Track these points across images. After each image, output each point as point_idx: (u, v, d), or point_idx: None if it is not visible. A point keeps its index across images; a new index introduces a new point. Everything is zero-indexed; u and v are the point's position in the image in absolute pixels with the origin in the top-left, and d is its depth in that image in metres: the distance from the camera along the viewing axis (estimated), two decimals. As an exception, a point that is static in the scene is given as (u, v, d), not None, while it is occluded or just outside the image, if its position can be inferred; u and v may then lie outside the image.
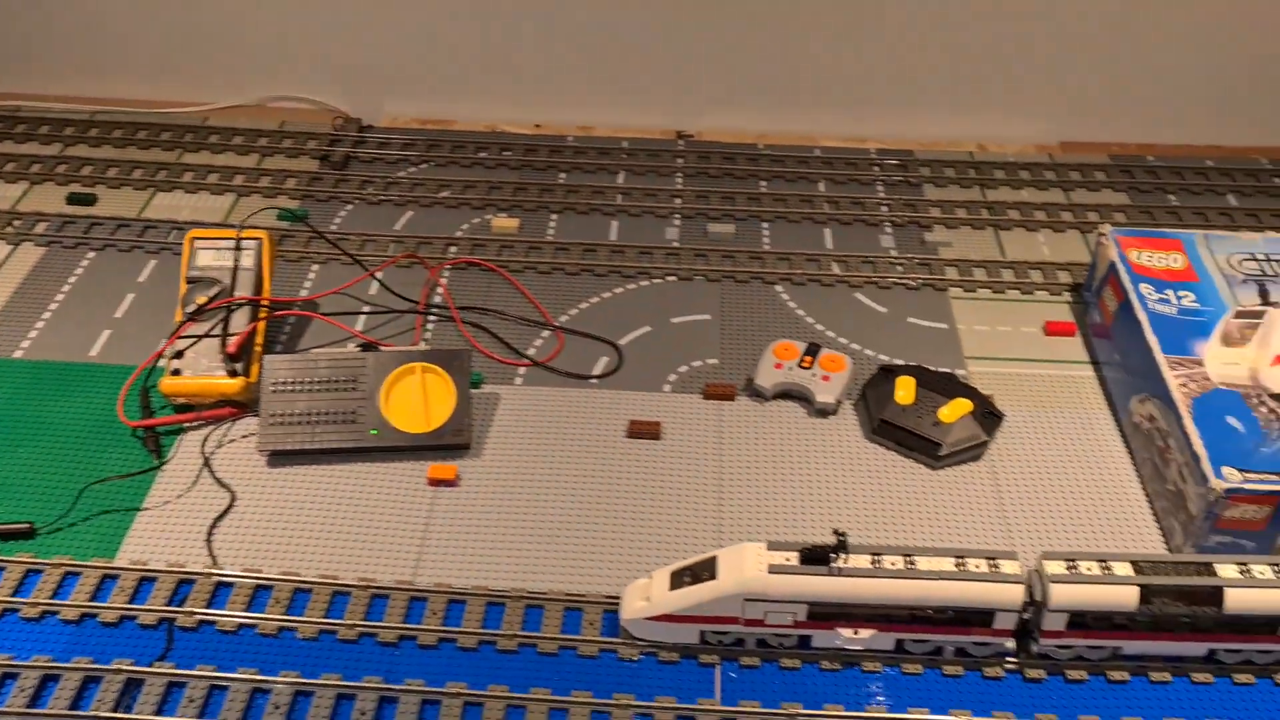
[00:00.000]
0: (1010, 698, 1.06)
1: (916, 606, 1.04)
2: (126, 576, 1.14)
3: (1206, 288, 1.37)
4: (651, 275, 1.56)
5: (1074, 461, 1.30)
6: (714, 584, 1.04)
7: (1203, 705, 1.06)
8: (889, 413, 1.30)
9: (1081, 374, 1.42)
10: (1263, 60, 1.77)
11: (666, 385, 1.39)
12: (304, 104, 1.89)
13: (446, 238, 1.60)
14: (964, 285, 1.55)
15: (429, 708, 1.03)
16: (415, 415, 1.27)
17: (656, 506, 1.23)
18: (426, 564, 1.17)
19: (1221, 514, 1.13)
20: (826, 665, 1.08)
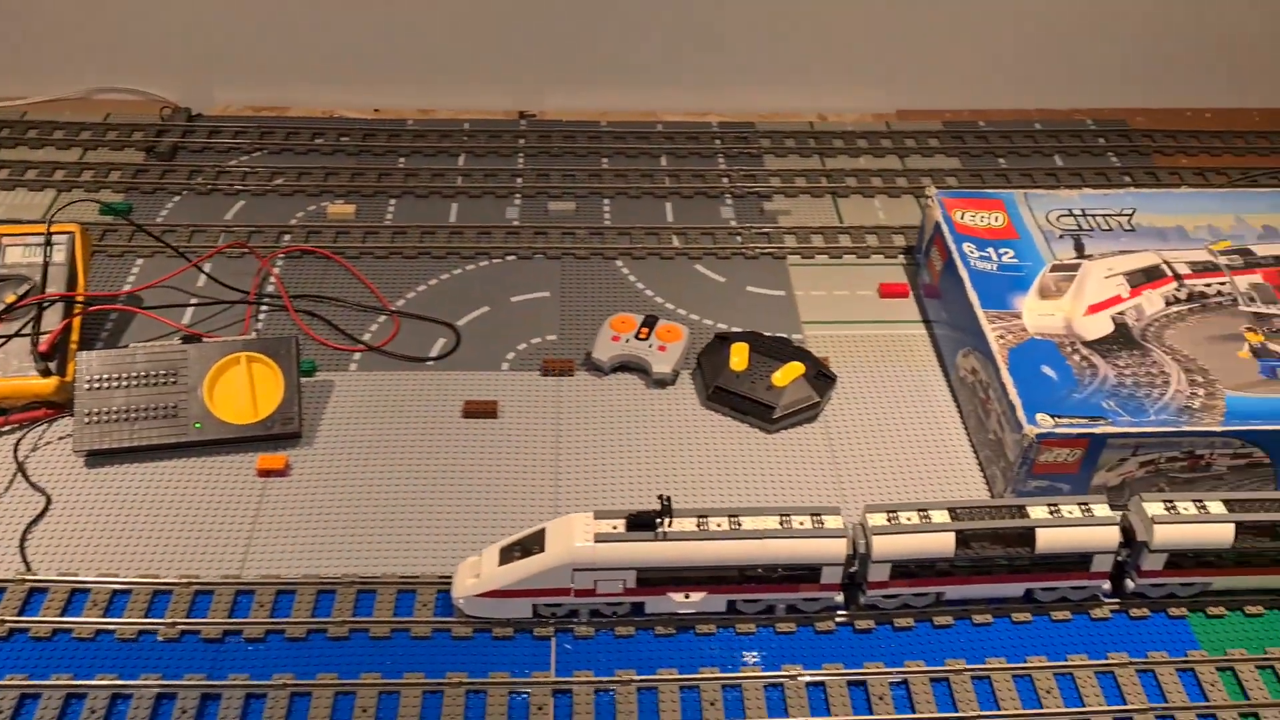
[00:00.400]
0: (841, 650, 1.08)
1: (744, 566, 1.05)
2: (-69, 589, 1.09)
3: (1026, 244, 1.41)
4: (491, 255, 1.54)
5: (905, 418, 1.33)
6: (542, 556, 1.04)
7: (1024, 644, 1.09)
8: (723, 379, 1.31)
9: (914, 333, 1.45)
10: (1085, 25, 1.84)
11: (505, 364, 1.38)
12: (130, 95, 1.82)
13: (280, 226, 1.56)
14: (802, 252, 1.57)
15: (254, 702, 1.01)
16: (242, 406, 1.24)
17: (493, 485, 1.22)
18: (255, 557, 1.14)
19: (1036, 459, 1.17)
20: (661, 631, 1.09)
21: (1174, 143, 1.83)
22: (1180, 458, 1.19)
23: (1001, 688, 1.04)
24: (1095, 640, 1.09)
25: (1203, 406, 1.19)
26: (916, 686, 1.04)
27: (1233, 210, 1.49)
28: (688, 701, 1.03)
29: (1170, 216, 1.47)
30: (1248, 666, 1.06)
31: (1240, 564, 1.10)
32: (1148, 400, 1.20)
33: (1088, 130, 1.85)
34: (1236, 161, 1.80)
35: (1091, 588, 1.11)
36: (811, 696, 1.04)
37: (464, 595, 1.07)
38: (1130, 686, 1.05)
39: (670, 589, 1.07)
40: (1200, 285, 1.36)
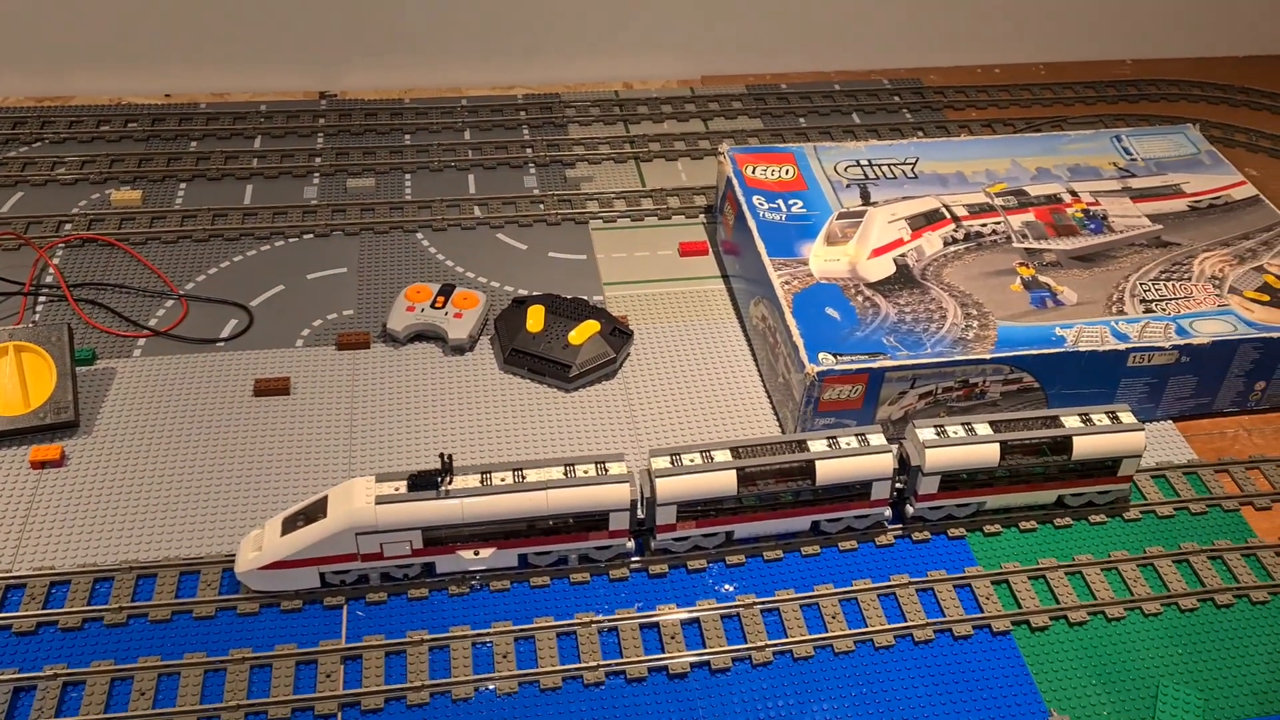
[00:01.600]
0: (636, 595, 1.09)
1: (530, 518, 1.06)
2: None
3: (814, 195, 1.45)
4: (286, 235, 1.51)
5: (703, 369, 1.35)
6: (323, 523, 1.02)
7: (813, 575, 1.12)
8: (520, 341, 1.31)
9: (712, 288, 1.47)
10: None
11: (299, 341, 1.35)
12: (-103, 89, 1.72)
13: (60, 215, 1.50)
14: (604, 217, 1.58)
15: (23, 695, 0.97)
16: (11, 398, 1.19)
17: (285, 461, 1.20)
18: (28, 550, 1.09)
19: (820, 397, 1.20)
20: (454, 590, 1.08)
21: (964, 98, 1.90)
22: (955, 387, 1.23)
23: (790, 618, 1.07)
24: (880, 566, 1.13)
25: (976, 337, 1.24)
26: (708, 625, 1.06)
27: (1008, 155, 1.55)
28: (480, 656, 1.02)
29: (951, 163, 1.53)
30: (1020, 578, 1.11)
31: (1011, 482, 1.15)
32: (925, 335, 1.24)
33: (884, 89, 1.91)
34: (1022, 113, 1.88)
35: (874, 515, 1.14)
36: (604, 641, 1.04)
37: (247, 569, 1.04)
38: (910, 605, 1.08)
39: (459, 547, 1.06)
40: (977, 226, 1.42)
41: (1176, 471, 1.25)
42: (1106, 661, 1.05)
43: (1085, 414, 1.16)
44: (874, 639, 1.06)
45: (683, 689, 1.01)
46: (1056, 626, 1.08)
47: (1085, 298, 1.31)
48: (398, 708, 0.98)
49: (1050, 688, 1.03)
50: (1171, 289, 1.33)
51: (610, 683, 1.01)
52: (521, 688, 1.00)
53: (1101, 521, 1.19)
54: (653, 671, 1.02)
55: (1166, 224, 1.44)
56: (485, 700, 0.99)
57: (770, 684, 1.02)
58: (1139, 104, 1.91)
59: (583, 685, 1.01)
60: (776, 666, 1.04)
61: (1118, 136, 1.60)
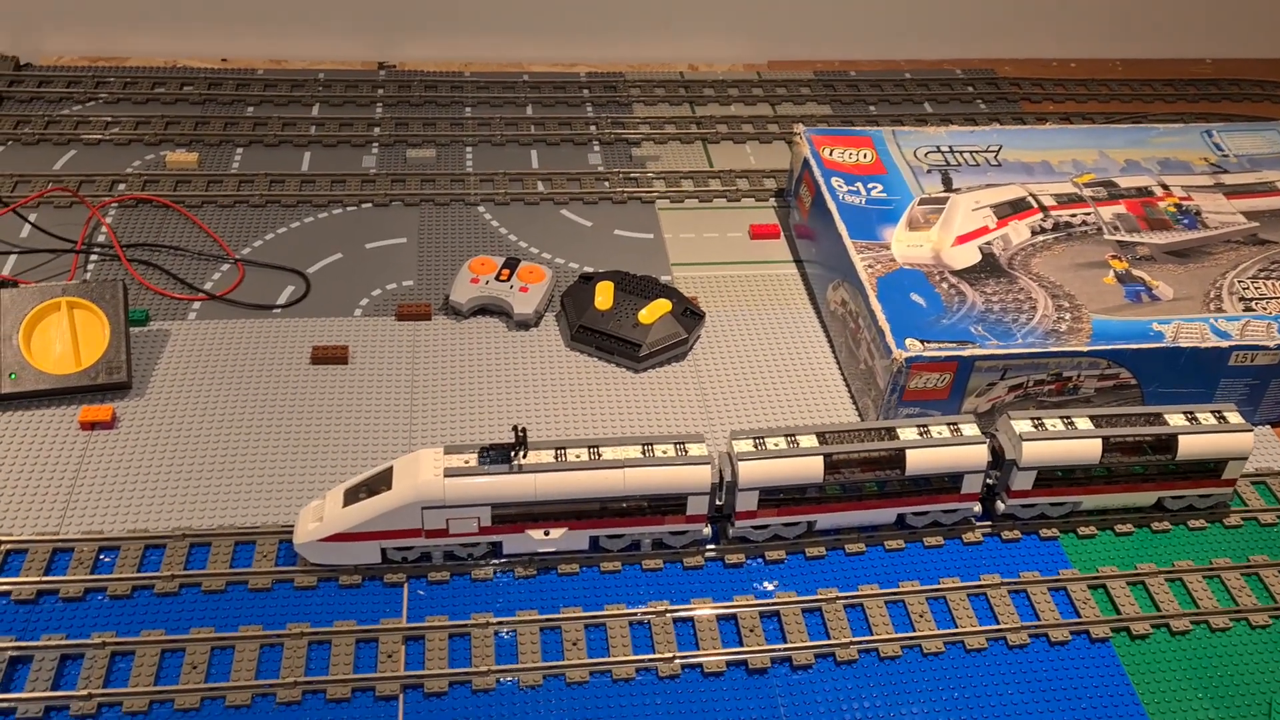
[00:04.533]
0: (711, 585, 1.03)
1: (605, 499, 1.00)
2: None
3: (894, 179, 1.39)
4: (345, 203, 1.46)
5: (777, 354, 1.29)
6: (388, 495, 0.97)
7: (897, 570, 1.06)
8: (588, 318, 1.26)
9: (785, 272, 1.42)
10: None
11: (358, 310, 1.30)
12: (-50, 45, 1.69)
13: (114, 175, 1.45)
14: (671, 196, 1.53)
15: (70, 662, 0.92)
16: (63, 356, 1.14)
17: (342, 431, 1.15)
18: (75, 514, 1.04)
19: (906, 385, 1.14)
20: (521, 573, 1.03)
21: (1040, 90, 1.84)
22: (1048, 380, 1.17)
23: (874, 614, 1.01)
24: (968, 564, 1.07)
25: (1069, 329, 1.18)
26: (788, 617, 1.00)
27: (1096, 145, 1.49)
28: (549, 643, 0.97)
29: (1036, 152, 1.46)
30: (1119, 583, 1.05)
31: (1109, 482, 1.09)
32: (1015, 325, 1.18)
33: (956, 79, 1.85)
34: (1101, 108, 1.81)
35: (963, 510, 1.08)
36: (680, 632, 0.99)
37: (306, 541, 0.99)
38: (1003, 607, 1.02)
39: (529, 526, 1.01)
40: (1065, 216, 1.35)
41: (1278, 479, 1.18)
42: (1212, 673, 0.99)
43: (1190, 412, 1.09)
44: (965, 640, 0.99)
45: (762, 685, 0.96)
46: (1158, 635, 1.02)
47: (1181, 293, 1.25)
48: (462, 692, 0.93)
49: (1152, 699, 0.96)
50: (1272, 288, 1.26)
51: (686, 676, 0.96)
52: (592, 677, 0.95)
53: (1201, 527, 1.12)
54: (731, 666, 0.96)
55: (1262, 221, 1.37)
56: (554, 689, 0.94)
57: (856, 683, 0.96)
58: (1220, 103, 1.84)
59: (657, 677, 0.95)
60: (862, 665, 0.98)
61: (1208, 131, 1.54)
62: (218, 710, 0.90)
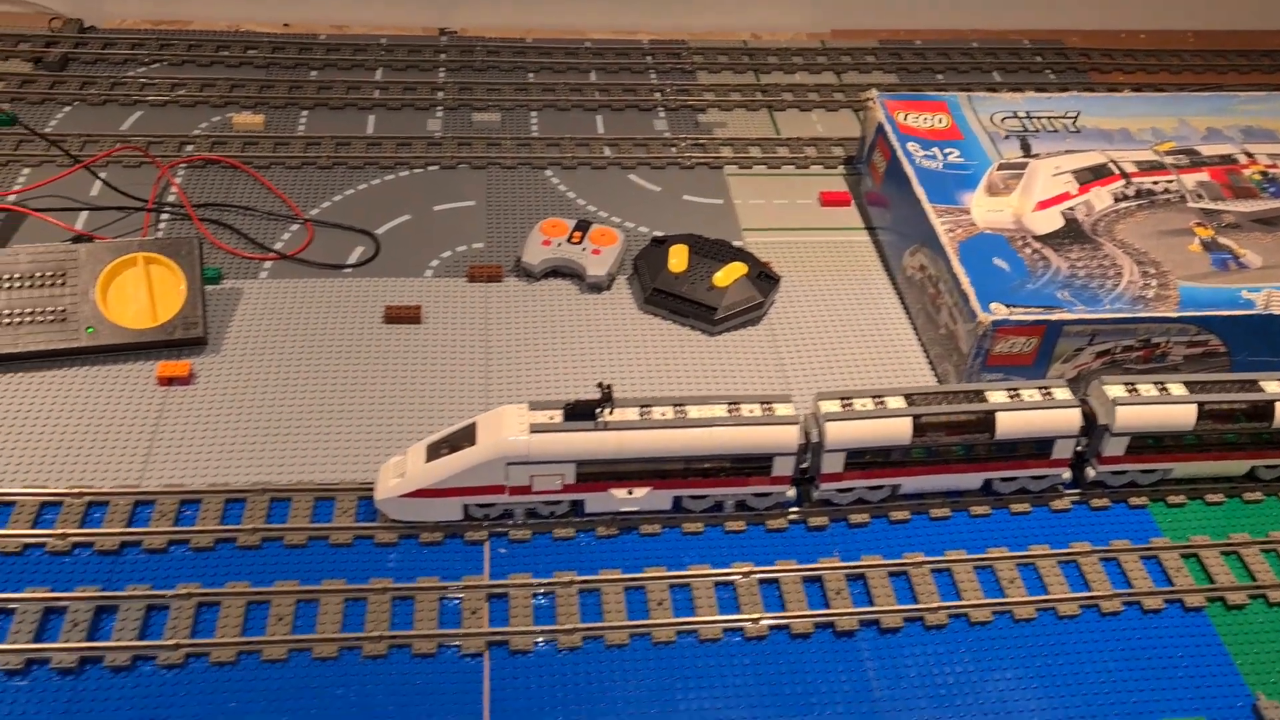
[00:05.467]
0: (794, 548, 1.02)
1: (690, 458, 0.98)
2: None
3: (971, 144, 1.37)
4: (412, 166, 1.45)
5: (852, 319, 1.27)
6: (473, 450, 0.96)
7: (984, 536, 1.04)
8: (662, 281, 1.24)
9: (857, 239, 1.39)
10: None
11: (429, 271, 1.29)
12: (14, 6, 1.68)
13: (182, 135, 1.45)
14: (739, 163, 1.51)
15: (156, 614, 0.91)
16: (140, 311, 1.14)
17: (418, 390, 1.14)
18: (155, 467, 1.04)
19: (991, 349, 1.12)
20: (602, 532, 1.01)
21: (1110, 60, 1.80)
22: (1136, 347, 1.14)
23: (963, 579, 0.99)
24: (1056, 531, 1.05)
25: (1156, 296, 1.15)
26: (875, 581, 0.98)
27: (1175, 114, 1.45)
28: (633, 603, 0.96)
29: (1115, 119, 1.43)
30: (1212, 553, 1.03)
31: (1201, 449, 1.06)
32: (1101, 291, 1.16)
33: (1024, 49, 1.82)
34: (1173, 79, 1.78)
35: (1051, 477, 1.06)
36: (765, 594, 0.97)
37: (388, 496, 0.98)
38: (1094, 574, 1.00)
39: (612, 485, 0.99)
40: (1148, 183, 1.32)
41: (1372, 450, 1.15)
42: (1313, 645, 0.96)
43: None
44: (1057, 607, 0.97)
45: (850, 648, 0.94)
46: (1255, 605, 0.99)
47: (1270, 261, 1.22)
48: (548, 650, 0.92)
49: (1251, 669, 0.94)
50: (1363, 257, 1.23)
51: (773, 637, 0.94)
52: (679, 637, 0.93)
53: (1295, 498, 1.10)
54: (818, 628, 0.95)
55: (1351, 191, 1.34)
56: (641, 648, 0.92)
57: (946, 647, 0.94)
58: (1298, 74, 1.80)
59: (743, 638, 0.94)
60: (952, 630, 0.96)
61: (1292, 100, 1.50)
62: (304, 662, 0.89)
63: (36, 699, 0.85)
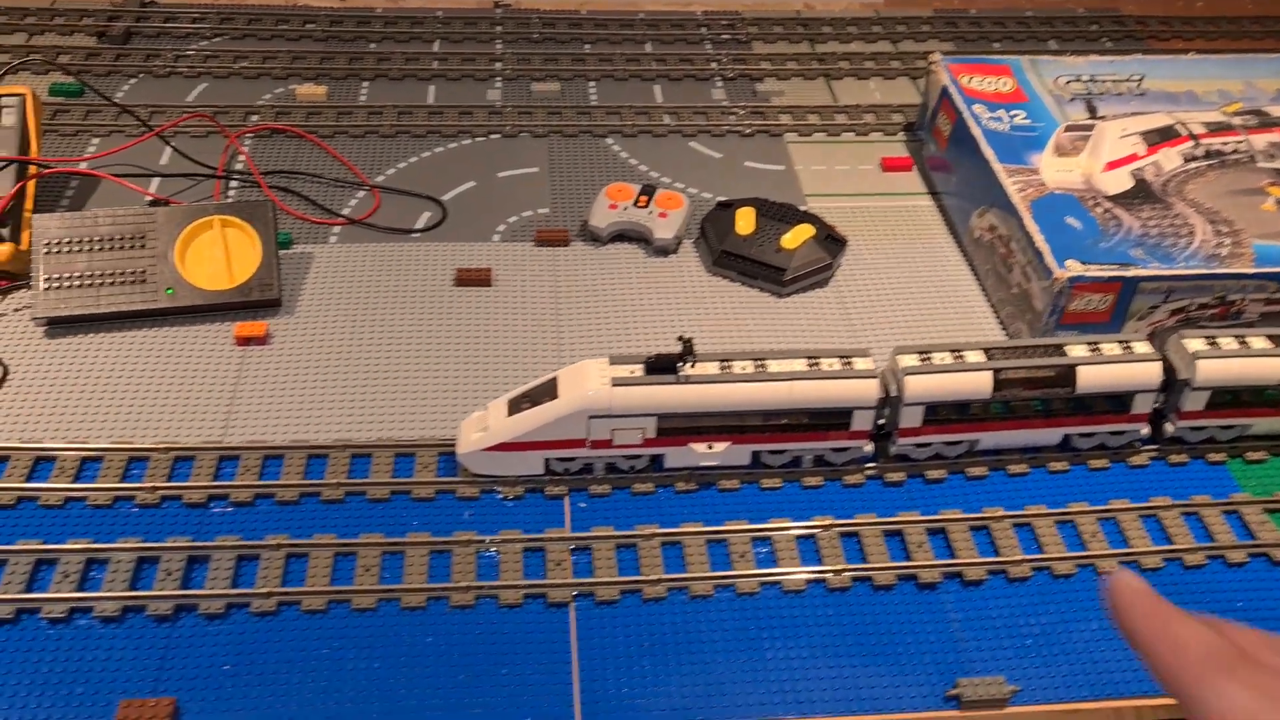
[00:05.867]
0: (872, 503, 1.02)
1: (771, 411, 0.99)
2: (-122, 460, 0.98)
3: (1036, 107, 1.36)
4: (474, 134, 1.46)
5: (919, 281, 1.27)
6: (555, 404, 0.96)
7: (1063, 492, 1.03)
8: (730, 243, 1.24)
9: (920, 204, 1.39)
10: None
11: (495, 235, 1.29)
12: (77, -17, 1.70)
13: (246, 106, 1.46)
14: (799, 130, 1.50)
15: (246, 564, 0.93)
16: (216, 272, 1.15)
17: (491, 350, 1.14)
18: (237, 424, 1.05)
19: (1067, 306, 1.11)
20: (681, 487, 1.02)
21: (1168, 28, 1.79)
22: (1212, 304, 1.14)
23: (1044, 533, 0.99)
24: (1135, 487, 1.04)
25: (1230, 254, 1.15)
26: (956, 534, 0.98)
27: (1242, 76, 1.44)
28: (715, 555, 0.96)
29: (1179, 82, 1.42)
30: (1295, 507, 1.02)
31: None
32: (1174, 249, 1.15)
33: (1080, 17, 1.80)
34: (1232, 45, 1.76)
35: (1130, 433, 1.06)
36: (846, 546, 0.97)
37: (470, 451, 0.99)
38: (1176, 528, 1.00)
39: (692, 439, 1.00)
40: (1217, 144, 1.31)
41: None
42: (1401, 598, 0.95)
43: (1369, 334, 1.06)
44: (1140, 560, 0.97)
45: (933, 599, 0.94)
46: (1340, 559, 0.98)
47: (1345, 221, 1.21)
48: (633, 601, 0.92)
49: (1340, 622, 0.93)
50: None
51: (856, 589, 0.94)
52: (763, 588, 0.94)
53: (1376, 454, 1.09)
54: (901, 579, 0.95)
55: None
56: (725, 599, 0.93)
57: (1030, 600, 0.94)
58: (1360, 41, 1.78)
59: (826, 589, 0.94)
60: (1035, 583, 0.96)
61: (1360, 62, 1.48)
62: (393, 611, 0.90)
63: (134, 645, 0.86)
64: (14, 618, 0.87)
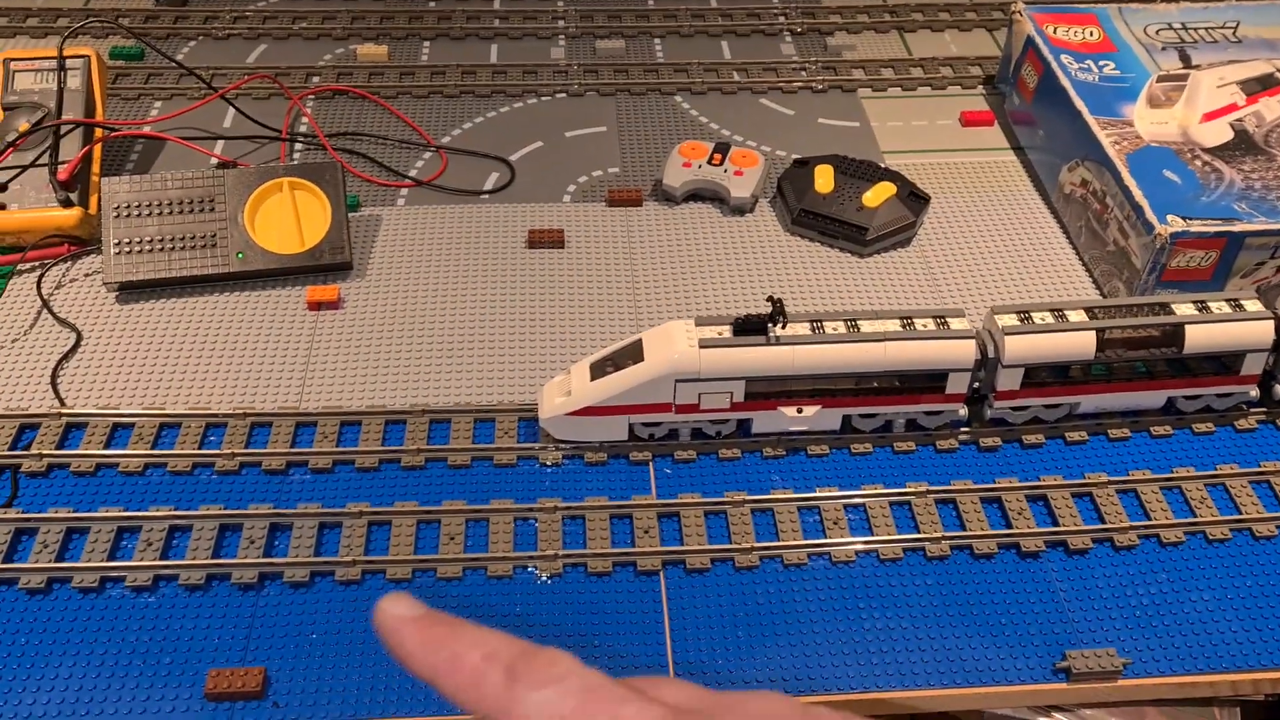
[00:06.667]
0: (968, 469, 0.98)
1: (863, 374, 0.95)
2: (-44, 427, 0.97)
3: (1126, 56, 1.30)
4: (539, 93, 1.42)
5: (1007, 238, 1.22)
6: (641, 367, 0.93)
7: (1167, 457, 0.99)
8: (809, 202, 1.20)
9: (1003, 159, 1.34)
10: None
11: (566, 195, 1.26)
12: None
13: (308, 67, 1.43)
14: (873, 85, 1.45)
15: (328, 532, 0.91)
16: (287, 235, 1.13)
17: (567, 313, 1.11)
18: (313, 390, 1.03)
19: (1168, 263, 1.06)
20: (769, 453, 0.98)
21: (1255, -25, 1.71)
22: (1322, 260, 1.08)
23: (1150, 500, 0.95)
24: (1244, 451, 1.00)
25: (1341, 208, 1.09)
26: (1057, 501, 0.94)
27: (1343, 21, 1.37)
28: (807, 523, 0.93)
29: (1278, 28, 1.36)
30: None
31: (1400, 365, 1.00)
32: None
33: (1162, -35, 1.73)
34: (1323, -8, 1.68)
35: (1238, 395, 1.01)
36: (943, 514, 0.94)
37: (553, 415, 0.96)
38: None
39: (781, 403, 0.96)
40: (1320, 92, 1.25)
41: None
42: None
43: None
44: (1253, 528, 0.93)
45: (1036, 568, 0.90)
46: None
47: None
48: (724, 569, 0.89)
49: None
50: None
51: (955, 557, 0.91)
52: (859, 556, 0.90)
53: None
54: (1002, 548, 0.91)
55: None
56: (820, 568, 0.90)
57: (1137, 569, 0.90)
58: None
59: (925, 558, 0.91)
60: (1142, 551, 0.92)
61: None
62: (479, 580, 0.88)
63: (220, 614, 0.85)
64: (98, 586, 0.86)
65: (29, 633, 0.83)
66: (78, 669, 0.81)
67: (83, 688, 0.80)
